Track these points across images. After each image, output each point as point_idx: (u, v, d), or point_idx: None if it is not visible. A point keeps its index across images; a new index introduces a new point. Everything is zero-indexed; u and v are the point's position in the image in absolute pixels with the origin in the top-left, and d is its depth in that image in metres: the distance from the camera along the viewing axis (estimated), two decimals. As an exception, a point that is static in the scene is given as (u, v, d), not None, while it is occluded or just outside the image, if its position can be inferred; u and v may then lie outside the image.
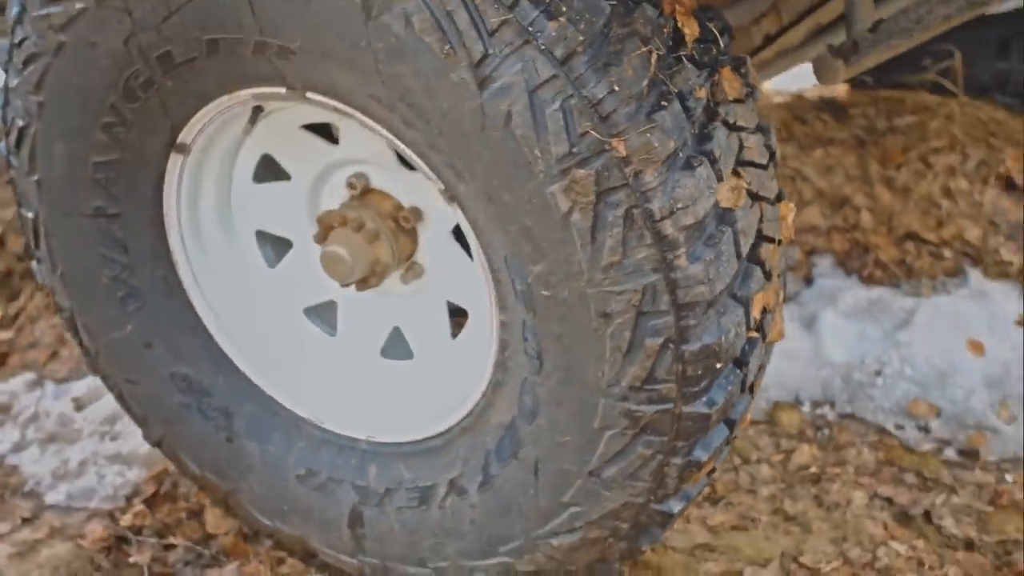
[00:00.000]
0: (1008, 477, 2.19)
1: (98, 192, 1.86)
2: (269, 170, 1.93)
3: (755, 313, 1.55)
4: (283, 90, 1.63)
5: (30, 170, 1.88)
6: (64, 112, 1.78)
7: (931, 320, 2.57)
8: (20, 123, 1.84)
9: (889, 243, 2.87)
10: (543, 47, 1.38)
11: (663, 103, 1.42)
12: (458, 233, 1.82)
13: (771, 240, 1.59)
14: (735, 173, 1.51)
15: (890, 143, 3.17)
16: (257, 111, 1.77)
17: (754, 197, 1.55)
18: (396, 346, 1.98)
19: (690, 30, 1.50)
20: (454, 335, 1.89)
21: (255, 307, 2.01)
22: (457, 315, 1.90)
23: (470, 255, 1.81)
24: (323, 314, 2.03)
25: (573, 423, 1.60)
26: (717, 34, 1.54)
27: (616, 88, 1.39)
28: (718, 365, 1.51)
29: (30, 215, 1.94)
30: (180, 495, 2.34)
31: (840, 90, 3.70)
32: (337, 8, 1.46)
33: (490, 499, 1.75)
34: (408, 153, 1.57)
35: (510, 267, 1.54)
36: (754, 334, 1.56)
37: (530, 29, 1.38)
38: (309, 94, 1.61)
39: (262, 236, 2.00)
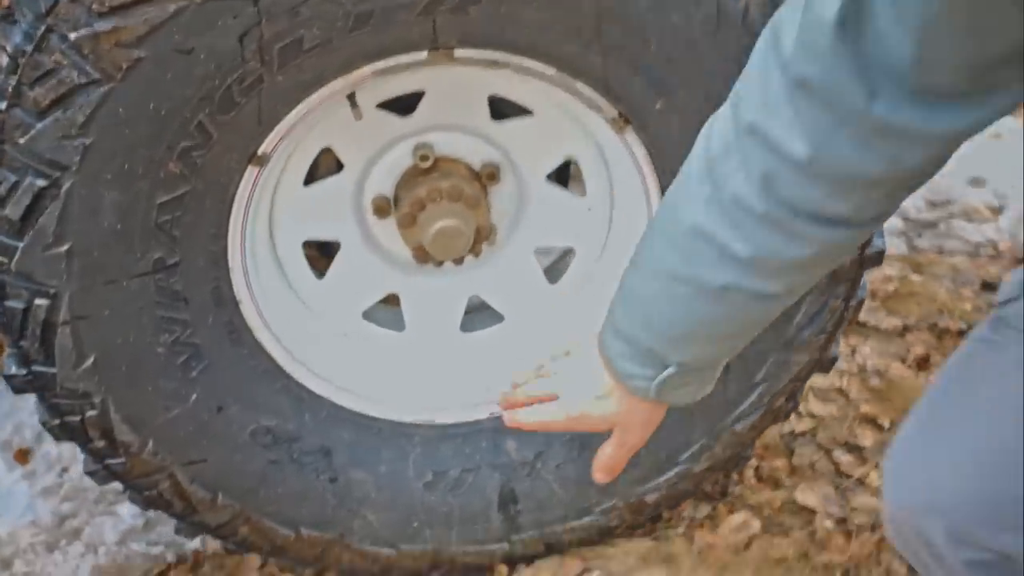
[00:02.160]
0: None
1: (159, 241, 1.52)
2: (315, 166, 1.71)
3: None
4: (424, 54, 1.48)
5: (54, 242, 1.48)
6: (125, 150, 1.43)
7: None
8: (38, 184, 1.44)
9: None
10: (768, -62, 1.44)
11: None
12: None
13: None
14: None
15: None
16: (351, 97, 1.57)
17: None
18: (471, 317, 1.87)
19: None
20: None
21: (318, 327, 1.77)
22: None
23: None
24: (378, 313, 1.84)
25: (773, 300, 1.69)
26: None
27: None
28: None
29: (40, 303, 1.52)
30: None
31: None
32: (555, -62, 1.38)
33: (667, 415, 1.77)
34: (579, 89, 1.53)
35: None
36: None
37: (753, -76, 1.43)
38: (459, 52, 1.49)
39: (305, 246, 1.76)
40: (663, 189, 1.64)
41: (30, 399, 2.37)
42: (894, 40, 0.90)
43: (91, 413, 1.62)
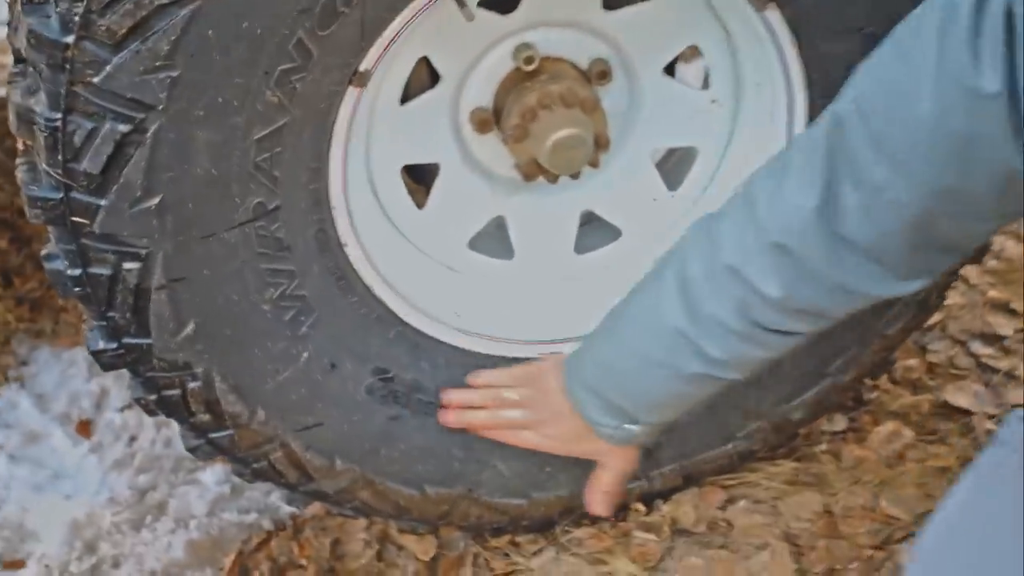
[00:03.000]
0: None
1: (258, 183, 1.33)
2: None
3: None
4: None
5: (142, 195, 1.28)
6: (217, 80, 1.23)
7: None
8: (120, 129, 1.23)
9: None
10: None
11: None
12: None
13: None
14: None
15: None
16: (458, -4, 1.37)
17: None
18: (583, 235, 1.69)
19: None
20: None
21: (424, 264, 1.59)
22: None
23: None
24: (482, 241, 1.66)
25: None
26: None
27: None
28: None
29: (130, 267, 1.32)
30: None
31: None
32: None
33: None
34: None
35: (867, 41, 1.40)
36: None
37: None
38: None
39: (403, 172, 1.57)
40: (808, 74, 1.47)
41: (81, 365, 2.24)
42: (858, 229, 1.14)
43: (193, 385, 1.44)
